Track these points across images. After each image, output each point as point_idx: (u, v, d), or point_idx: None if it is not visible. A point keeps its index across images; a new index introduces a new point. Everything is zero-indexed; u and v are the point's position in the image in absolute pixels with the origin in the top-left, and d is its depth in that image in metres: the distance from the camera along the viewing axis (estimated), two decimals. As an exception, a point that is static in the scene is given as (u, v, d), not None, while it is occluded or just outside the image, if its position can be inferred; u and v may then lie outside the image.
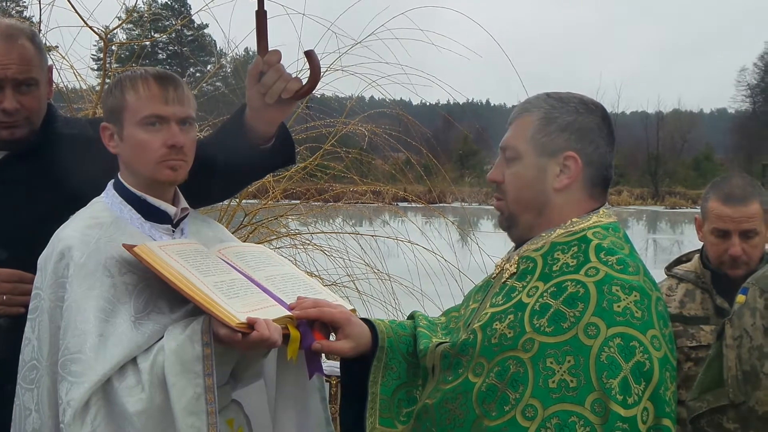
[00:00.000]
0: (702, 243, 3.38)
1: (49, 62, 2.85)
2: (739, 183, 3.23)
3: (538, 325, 2.07)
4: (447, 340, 2.33)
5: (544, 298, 2.11)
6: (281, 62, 2.47)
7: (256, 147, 2.58)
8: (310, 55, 2.53)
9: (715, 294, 3.29)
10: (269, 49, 2.46)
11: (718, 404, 2.44)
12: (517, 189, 2.27)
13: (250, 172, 2.79)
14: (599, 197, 2.28)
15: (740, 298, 2.51)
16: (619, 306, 2.02)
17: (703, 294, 3.33)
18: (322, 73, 2.55)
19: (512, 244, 2.37)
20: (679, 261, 3.55)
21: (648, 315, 2.04)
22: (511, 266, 2.27)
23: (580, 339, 2.00)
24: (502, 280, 2.27)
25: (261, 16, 2.46)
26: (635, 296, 2.05)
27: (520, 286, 2.19)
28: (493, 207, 2.38)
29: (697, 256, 3.44)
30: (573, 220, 2.23)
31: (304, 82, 2.50)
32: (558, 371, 1.99)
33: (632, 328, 2.00)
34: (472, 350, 2.17)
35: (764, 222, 3.16)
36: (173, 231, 2.45)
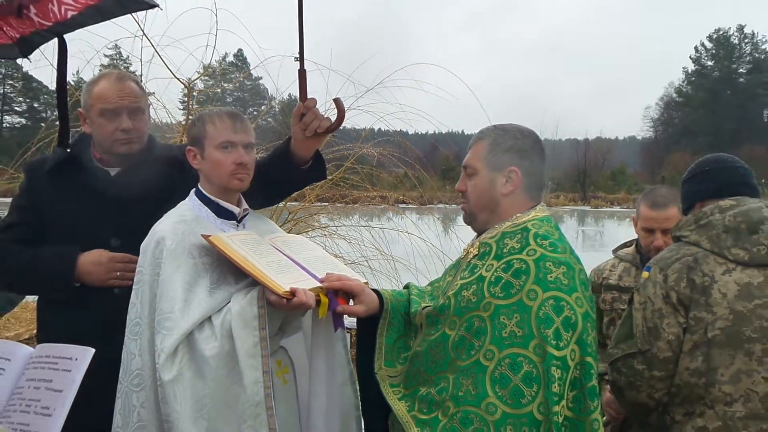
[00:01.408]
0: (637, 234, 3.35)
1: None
2: (663, 193, 3.20)
3: (493, 291, 2.08)
4: (430, 304, 2.33)
5: (498, 272, 2.11)
6: (316, 106, 2.49)
7: (298, 167, 2.59)
8: (337, 101, 2.55)
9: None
10: (308, 97, 2.48)
11: (630, 351, 2.43)
12: (476, 196, 2.27)
13: (293, 184, 2.79)
14: (536, 198, 2.28)
15: (645, 274, 2.51)
16: (551, 276, 2.03)
17: (636, 271, 3.30)
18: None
19: (475, 235, 2.36)
20: (624, 245, 3.49)
21: (573, 282, 2.05)
22: (474, 250, 2.26)
23: (524, 301, 2.01)
24: (468, 260, 2.26)
25: (302, 74, 2.48)
26: (563, 269, 2.06)
27: (481, 264, 2.19)
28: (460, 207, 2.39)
29: (635, 243, 3.42)
30: (517, 215, 2.22)
31: (333, 120, 2.52)
32: (509, 325, 2.00)
33: (561, 292, 2.01)
34: (448, 311, 2.17)
35: None
36: (237, 225, 2.45)
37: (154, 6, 2.55)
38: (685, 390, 2.36)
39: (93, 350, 1.79)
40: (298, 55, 2.48)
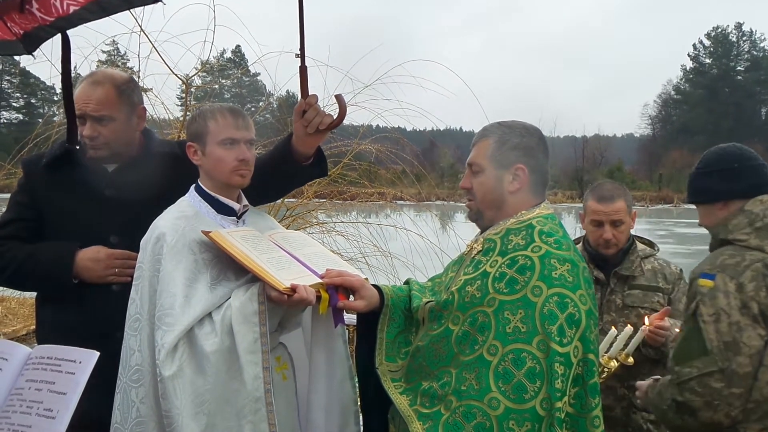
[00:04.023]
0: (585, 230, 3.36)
1: (139, 102, 2.75)
2: (609, 187, 3.26)
3: (498, 287, 2.07)
4: (433, 299, 2.32)
5: (502, 268, 2.10)
6: (318, 103, 2.47)
7: (299, 164, 2.59)
8: (338, 98, 2.53)
9: (593, 267, 3.26)
10: (309, 93, 2.47)
11: (708, 370, 2.23)
12: (482, 193, 2.25)
13: (294, 181, 2.77)
14: (540, 195, 2.27)
15: (706, 282, 2.31)
16: (556, 273, 2.03)
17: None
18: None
19: (478, 231, 2.36)
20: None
21: (577, 279, 2.05)
22: (478, 245, 2.26)
23: (529, 297, 2.01)
24: (472, 256, 2.26)
25: (303, 71, 2.47)
26: (567, 266, 2.05)
27: (485, 260, 2.18)
28: (464, 204, 2.38)
29: (582, 240, 3.42)
30: (522, 212, 2.21)
31: (335, 116, 2.50)
32: (513, 320, 2.00)
33: (566, 289, 2.01)
34: (451, 306, 2.17)
35: (628, 214, 3.19)
36: (237, 221, 2.45)
37: (157, 1, 2.52)
38: (765, 405, 2.22)
39: (98, 353, 1.76)
40: (298, 52, 2.47)
